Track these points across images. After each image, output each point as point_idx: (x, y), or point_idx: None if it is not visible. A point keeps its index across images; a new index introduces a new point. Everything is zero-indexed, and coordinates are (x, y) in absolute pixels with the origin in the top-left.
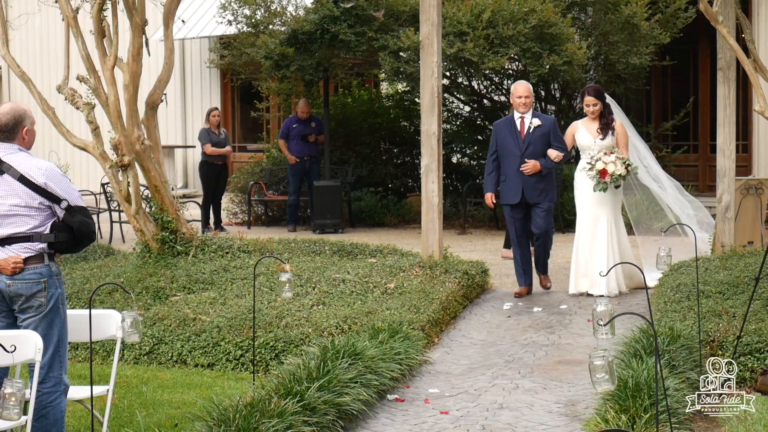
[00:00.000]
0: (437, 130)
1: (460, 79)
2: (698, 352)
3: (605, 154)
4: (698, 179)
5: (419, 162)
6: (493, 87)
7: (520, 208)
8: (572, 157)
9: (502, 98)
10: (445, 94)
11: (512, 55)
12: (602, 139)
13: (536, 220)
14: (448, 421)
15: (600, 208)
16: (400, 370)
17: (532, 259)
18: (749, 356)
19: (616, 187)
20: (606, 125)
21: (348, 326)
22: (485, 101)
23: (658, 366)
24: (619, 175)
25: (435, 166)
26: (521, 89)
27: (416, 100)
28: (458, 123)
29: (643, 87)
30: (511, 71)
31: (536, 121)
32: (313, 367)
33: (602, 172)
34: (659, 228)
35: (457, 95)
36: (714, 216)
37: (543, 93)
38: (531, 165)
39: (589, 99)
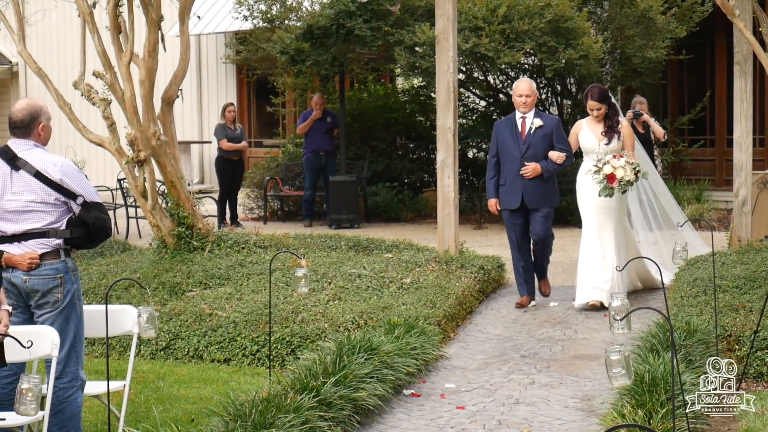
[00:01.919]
0: (453, 125)
1: (475, 74)
2: (715, 347)
3: (614, 157)
4: (715, 173)
5: (435, 157)
6: (509, 82)
7: (520, 213)
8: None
9: None
10: (461, 89)
11: (528, 50)
12: (607, 143)
13: (534, 226)
14: (464, 416)
15: (605, 216)
16: (416, 365)
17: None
18: (766, 351)
19: (623, 192)
20: (611, 128)
21: (364, 321)
22: (501, 96)
23: (675, 361)
24: (628, 181)
25: (451, 161)
26: (522, 87)
27: (432, 94)
28: (474, 118)
29: (660, 81)
30: (526, 66)
31: (538, 121)
32: (329, 362)
33: (610, 177)
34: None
35: (473, 90)
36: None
37: (559, 87)
38: (531, 168)
39: (592, 104)
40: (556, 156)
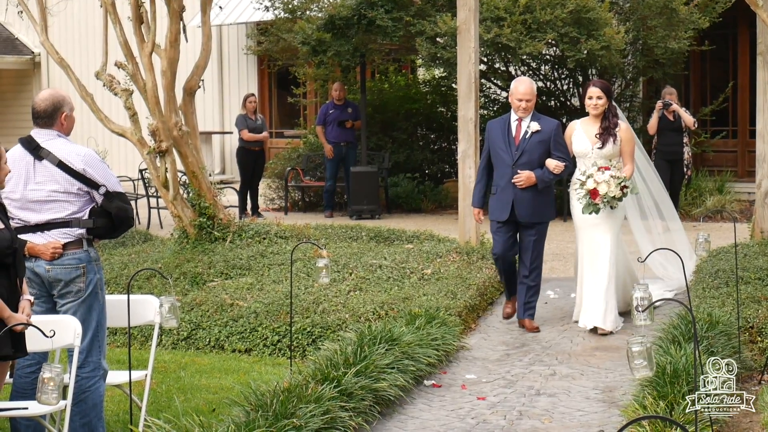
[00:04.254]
0: (474, 116)
1: (497, 65)
2: (737, 339)
3: (599, 170)
4: (737, 165)
5: (456, 148)
6: (531, 72)
7: (509, 227)
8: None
9: (539, 83)
10: (482, 80)
11: (549, 41)
12: (600, 147)
13: (523, 255)
14: (485, 407)
15: (599, 229)
16: (437, 355)
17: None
18: None
19: (612, 208)
20: (607, 130)
21: (385, 312)
22: None
23: (697, 352)
24: (613, 197)
25: (472, 151)
26: (522, 89)
27: (453, 85)
28: (495, 109)
29: (682, 72)
30: (548, 56)
31: (535, 126)
32: (350, 352)
33: (593, 193)
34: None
35: (494, 81)
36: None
37: (581, 78)
38: (524, 177)
39: (593, 90)
40: (554, 165)
